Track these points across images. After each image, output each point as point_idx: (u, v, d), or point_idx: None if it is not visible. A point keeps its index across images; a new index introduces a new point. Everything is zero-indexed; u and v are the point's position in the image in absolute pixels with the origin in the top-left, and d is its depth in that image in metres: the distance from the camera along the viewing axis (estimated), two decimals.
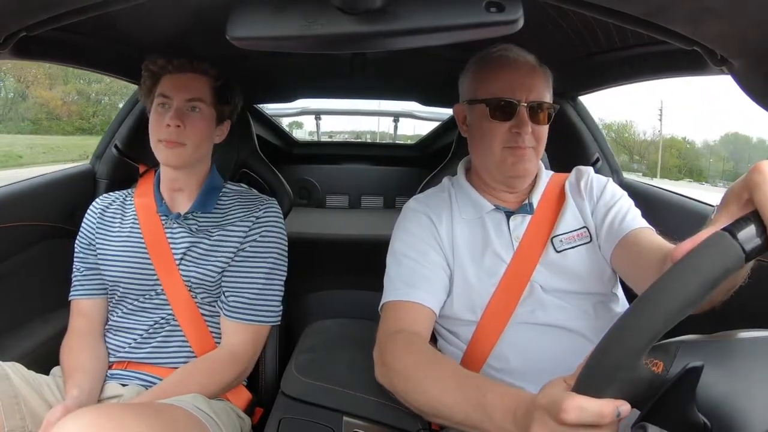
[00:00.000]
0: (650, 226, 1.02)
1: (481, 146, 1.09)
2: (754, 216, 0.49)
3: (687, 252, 0.49)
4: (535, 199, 1.11)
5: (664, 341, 0.52)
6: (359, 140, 5.46)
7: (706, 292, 0.47)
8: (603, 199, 1.08)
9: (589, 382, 0.54)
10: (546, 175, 1.16)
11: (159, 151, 1.19)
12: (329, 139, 5.40)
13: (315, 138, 4.05)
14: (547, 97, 1.06)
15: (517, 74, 1.04)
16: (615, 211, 1.04)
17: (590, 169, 1.15)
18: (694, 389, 0.48)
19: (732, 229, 0.48)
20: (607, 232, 1.03)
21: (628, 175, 1.74)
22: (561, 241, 1.05)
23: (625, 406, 0.53)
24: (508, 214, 1.09)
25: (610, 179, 1.13)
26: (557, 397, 0.58)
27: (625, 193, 1.10)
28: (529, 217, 1.08)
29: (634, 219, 1.03)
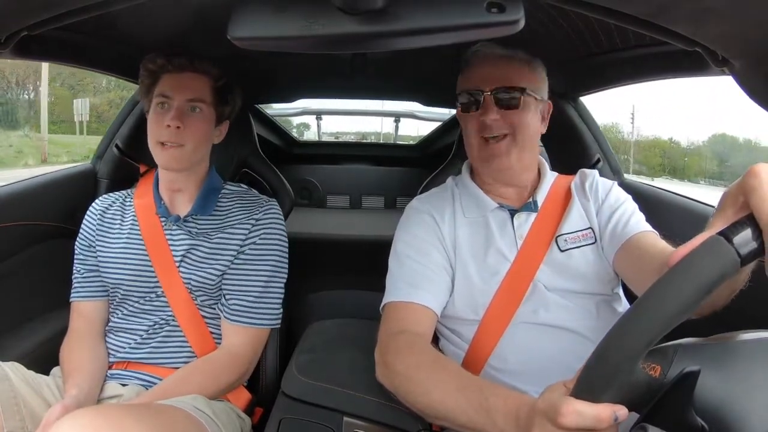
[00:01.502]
0: (653, 230, 1.02)
1: (467, 142, 1.11)
2: (750, 220, 0.48)
3: (682, 257, 0.49)
4: (540, 197, 1.11)
5: (661, 345, 0.52)
6: (360, 140, 5.46)
7: (702, 297, 0.47)
8: (608, 202, 1.08)
9: (586, 386, 0.54)
10: (551, 176, 1.16)
11: (157, 153, 1.18)
12: (334, 140, 5.39)
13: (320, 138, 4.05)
14: (521, 83, 1.06)
15: (484, 67, 1.07)
16: (619, 214, 1.04)
17: (595, 172, 1.15)
18: (691, 393, 0.48)
19: (727, 233, 0.48)
20: (610, 235, 1.03)
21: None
22: (566, 240, 1.05)
23: (622, 411, 0.53)
24: (512, 212, 1.09)
25: (615, 183, 1.14)
26: (556, 401, 0.58)
27: (630, 197, 1.11)
28: (533, 216, 1.08)
29: (638, 223, 1.03)
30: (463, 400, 0.76)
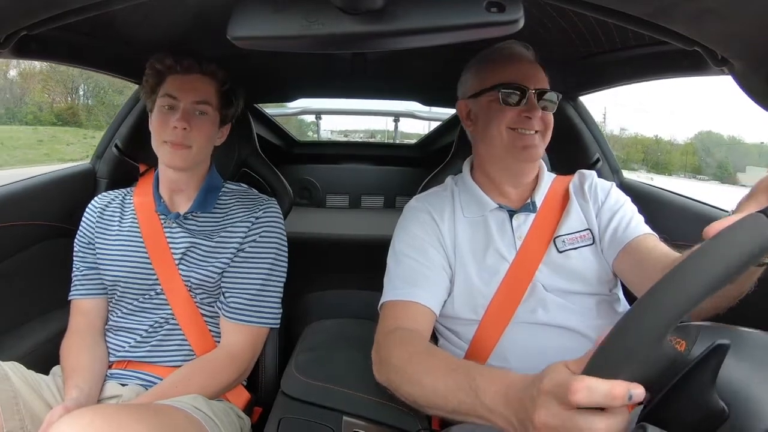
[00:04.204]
0: (654, 233, 1.03)
1: (488, 134, 1.09)
2: None
3: (719, 230, 0.50)
4: (538, 198, 1.11)
5: (684, 323, 0.52)
6: (359, 140, 5.47)
7: (742, 267, 0.47)
8: (607, 203, 1.08)
9: (604, 361, 0.52)
10: (549, 177, 1.16)
11: (163, 152, 1.19)
12: (343, 138, 5.39)
13: (332, 137, 4.05)
14: (553, 88, 1.08)
15: (523, 65, 1.08)
16: (619, 217, 1.05)
17: (593, 173, 1.16)
18: (717, 370, 0.47)
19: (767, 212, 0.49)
20: (611, 238, 1.04)
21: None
22: (564, 241, 1.05)
23: (638, 390, 0.50)
24: (511, 213, 1.09)
25: (614, 184, 1.14)
26: (564, 379, 0.55)
27: (629, 199, 1.11)
28: (532, 217, 1.09)
29: (638, 226, 1.04)
30: (453, 383, 0.76)
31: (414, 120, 3.69)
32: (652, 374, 0.51)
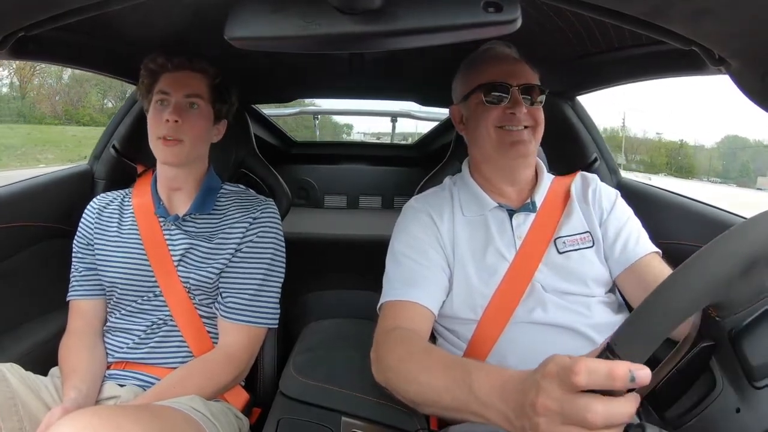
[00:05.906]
0: (657, 249, 1.05)
1: (478, 135, 1.10)
2: None
3: None
4: (538, 198, 1.11)
5: None
6: (357, 140, 5.47)
7: None
8: (613, 214, 1.09)
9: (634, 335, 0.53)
10: (548, 177, 1.17)
11: (158, 149, 1.19)
12: (375, 140, 5.38)
13: (365, 139, 4.04)
14: (537, 82, 1.09)
15: (505, 63, 1.09)
16: (627, 233, 1.06)
17: (596, 177, 1.17)
18: None
19: None
20: (619, 254, 1.05)
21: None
22: (564, 242, 1.06)
23: (642, 371, 0.50)
24: (511, 213, 1.09)
25: (618, 193, 1.15)
26: (568, 362, 0.55)
27: (632, 211, 1.12)
28: (532, 216, 1.09)
29: (645, 243, 1.06)
30: (449, 380, 0.75)
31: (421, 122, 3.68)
32: (744, 295, 0.52)
